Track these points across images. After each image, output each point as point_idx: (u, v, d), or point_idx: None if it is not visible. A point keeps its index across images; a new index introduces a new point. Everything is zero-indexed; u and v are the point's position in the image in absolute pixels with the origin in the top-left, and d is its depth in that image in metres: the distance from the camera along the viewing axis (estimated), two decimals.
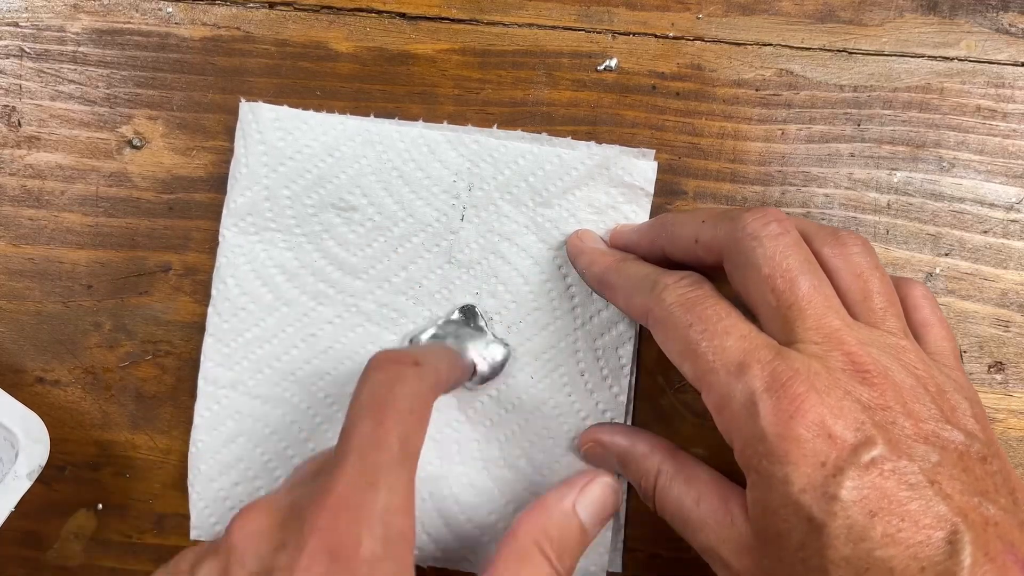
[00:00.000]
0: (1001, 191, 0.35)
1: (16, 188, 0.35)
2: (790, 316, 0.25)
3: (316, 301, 0.33)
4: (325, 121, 0.33)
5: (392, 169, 0.33)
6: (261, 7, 0.35)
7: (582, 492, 0.29)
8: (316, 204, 0.33)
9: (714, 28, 0.35)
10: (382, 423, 0.24)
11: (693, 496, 0.27)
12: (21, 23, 0.35)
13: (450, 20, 0.35)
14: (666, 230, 0.29)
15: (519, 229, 0.33)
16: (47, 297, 0.34)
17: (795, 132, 0.35)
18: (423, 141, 0.33)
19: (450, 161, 0.33)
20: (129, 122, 0.35)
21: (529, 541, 0.27)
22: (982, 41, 0.35)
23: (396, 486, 0.23)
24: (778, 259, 0.25)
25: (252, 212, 0.33)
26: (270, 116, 0.33)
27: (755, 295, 0.26)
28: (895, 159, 0.35)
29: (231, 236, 0.33)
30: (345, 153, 0.33)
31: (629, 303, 0.29)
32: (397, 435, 0.24)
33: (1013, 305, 0.34)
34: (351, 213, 0.33)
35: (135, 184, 0.35)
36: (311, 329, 0.33)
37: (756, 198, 0.35)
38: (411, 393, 0.25)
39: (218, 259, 0.33)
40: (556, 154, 0.33)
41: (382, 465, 0.23)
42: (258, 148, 0.33)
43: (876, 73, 0.35)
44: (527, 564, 0.27)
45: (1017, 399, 0.34)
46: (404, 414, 0.24)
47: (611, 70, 0.35)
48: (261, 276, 0.33)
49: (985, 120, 0.35)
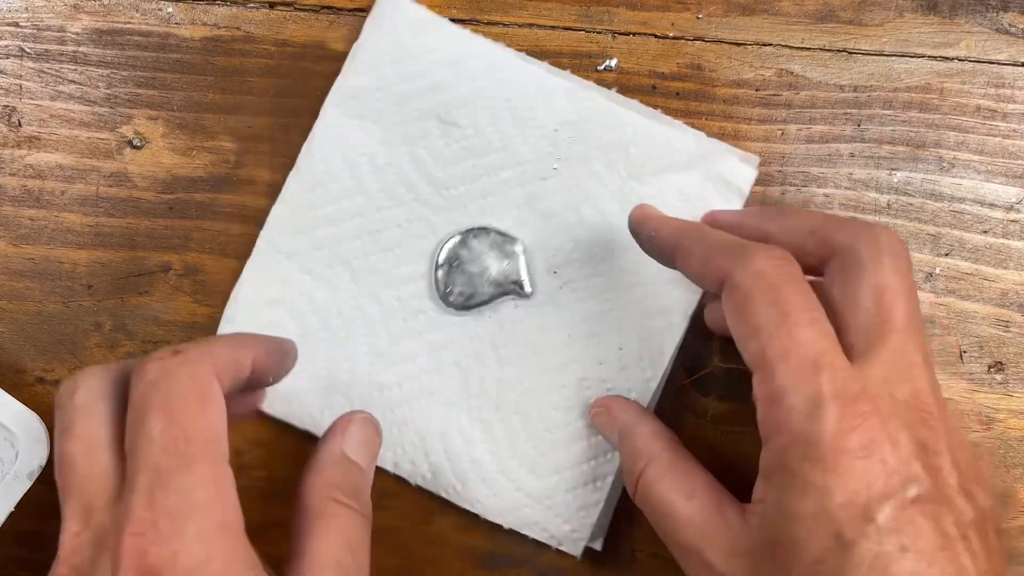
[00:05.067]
0: (1001, 191, 0.35)
1: (16, 188, 0.35)
2: (881, 333, 0.25)
3: (392, 201, 0.34)
4: (458, 34, 0.34)
5: (504, 100, 0.33)
6: (261, 7, 0.35)
7: (345, 436, 0.28)
8: (422, 109, 0.34)
9: (714, 28, 0.35)
10: (160, 425, 0.23)
11: (685, 491, 0.27)
12: (21, 23, 0.35)
13: (450, 20, 0.35)
14: (783, 214, 0.28)
15: (604, 194, 0.33)
16: (47, 297, 0.34)
17: (795, 132, 0.35)
18: (541, 83, 0.33)
19: (560, 109, 0.33)
20: (129, 122, 0.35)
21: (323, 498, 0.26)
22: (982, 41, 0.35)
23: (196, 483, 0.22)
24: (892, 277, 0.25)
25: (359, 97, 0.34)
26: (408, 11, 0.34)
27: (853, 303, 0.25)
28: (895, 159, 0.35)
29: (332, 114, 0.34)
30: (466, 69, 0.33)
31: (706, 265, 0.26)
32: (180, 431, 0.23)
33: (1013, 305, 0.34)
34: (451, 128, 0.34)
35: (135, 184, 0.35)
36: (379, 226, 0.34)
37: (756, 198, 0.35)
38: (181, 383, 0.23)
39: (313, 131, 0.34)
40: (664, 133, 0.33)
41: (173, 468, 0.22)
42: (386, 38, 0.33)
43: (876, 73, 0.35)
44: (333, 518, 0.26)
45: (1017, 399, 0.34)
46: (181, 406, 0.23)
47: (611, 70, 0.35)
48: (348, 160, 0.34)
49: (985, 120, 0.35)
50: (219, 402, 0.24)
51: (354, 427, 0.29)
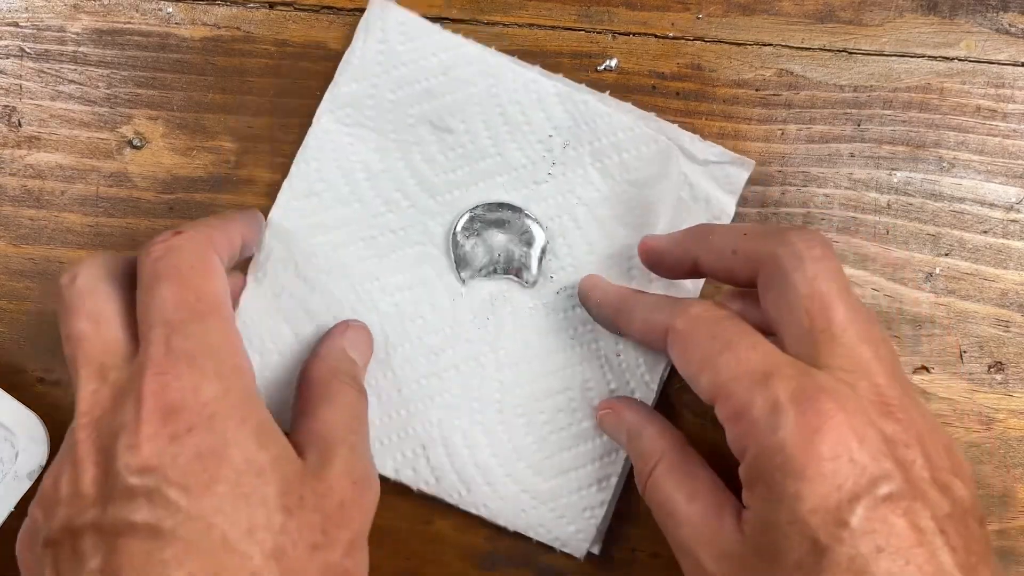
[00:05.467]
0: (1001, 191, 0.35)
1: (16, 188, 0.35)
2: (821, 340, 0.25)
3: (387, 207, 0.34)
4: (448, 39, 0.34)
5: (496, 105, 0.33)
6: (261, 7, 0.35)
7: (344, 336, 0.32)
8: (416, 116, 0.34)
9: (714, 28, 0.35)
10: (171, 287, 0.25)
11: (687, 491, 0.27)
12: (21, 23, 0.35)
13: (450, 20, 0.35)
14: (704, 238, 0.29)
15: (600, 199, 0.33)
16: (47, 297, 0.34)
17: (795, 132, 0.35)
18: (535, 87, 0.33)
19: (554, 114, 0.33)
20: (129, 122, 0.35)
21: (328, 377, 0.30)
22: (982, 41, 0.35)
23: (209, 331, 0.25)
24: (818, 282, 0.25)
25: (353, 104, 0.34)
26: (398, 18, 0.33)
27: (787, 315, 0.25)
28: (895, 159, 0.35)
29: (325, 122, 0.34)
30: (458, 75, 0.33)
31: (648, 323, 0.29)
32: (190, 291, 0.25)
33: (1013, 305, 0.34)
34: (445, 135, 0.34)
35: (135, 184, 0.35)
36: (375, 232, 0.34)
37: (756, 198, 0.35)
38: (186, 254, 0.26)
39: (307, 139, 0.34)
40: (656, 139, 0.33)
41: (187, 320, 0.24)
42: (377, 46, 0.33)
43: (876, 73, 0.35)
44: (339, 392, 0.29)
45: (1017, 399, 0.34)
46: (188, 273, 0.25)
47: (611, 70, 0.35)
48: (343, 168, 0.34)
49: (985, 120, 0.35)
50: (221, 272, 0.26)
51: (351, 331, 0.32)
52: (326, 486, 0.25)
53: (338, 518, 0.25)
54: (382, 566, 0.34)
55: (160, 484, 0.22)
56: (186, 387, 0.23)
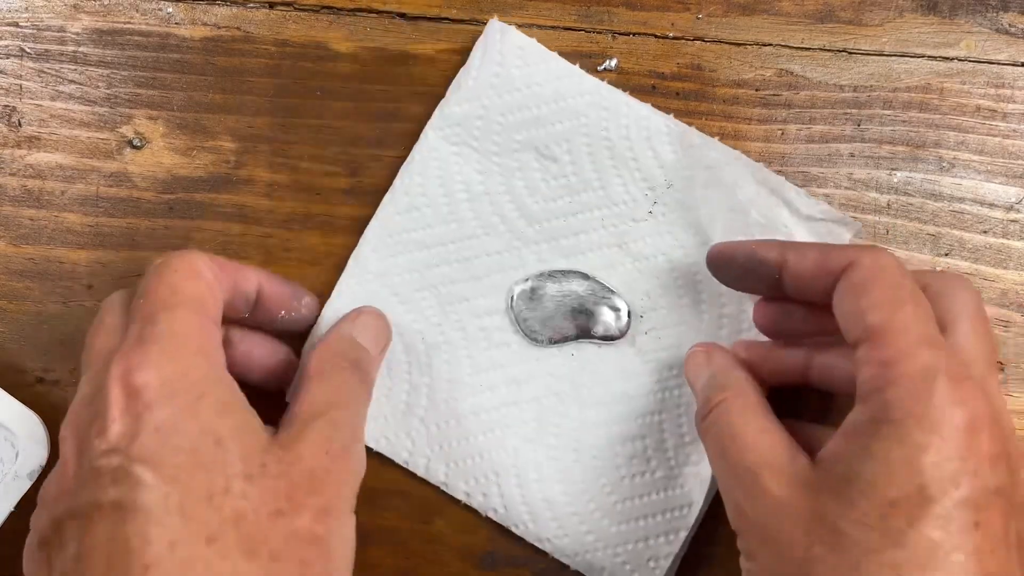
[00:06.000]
0: (1001, 191, 0.35)
1: (16, 188, 0.35)
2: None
3: (485, 230, 0.34)
4: (565, 68, 0.34)
5: (605, 139, 0.33)
6: (261, 7, 0.35)
7: (355, 322, 0.32)
8: (523, 141, 0.34)
9: (714, 28, 0.35)
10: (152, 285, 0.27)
11: (760, 425, 0.27)
12: (21, 23, 0.35)
13: (450, 20, 0.35)
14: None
15: (698, 246, 0.33)
16: (47, 297, 0.34)
17: (795, 132, 0.35)
18: (645, 124, 0.33)
19: (662, 153, 0.33)
20: (129, 122, 0.35)
21: (325, 361, 0.30)
22: (982, 41, 0.35)
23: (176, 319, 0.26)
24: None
25: (462, 124, 0.34)
26: (516, 42, 0.34)
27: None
28: (895, 159, 0.35)
29: (434, 138, 0.34)
30: (570, 105, 0.33)
31: (827, 255, 0.28)
32: (167, 287, 0.26)
33: (1013, 305, 0.34)
34: (550, 163, 0.34)
35: (135, 184, 0.35)
36: (469, 253, 0.34)
37: None
38: (174, 261, 0.27)
39: (412, 153, 0.34)
40: (769, 198, 0.32)
41: (159, 311, 0.26)
42: (493, 68, 0.33)
43: (876, 73, 0.35)
44: (332, 374, 0.29)
45: (1017, 399, 0.34)
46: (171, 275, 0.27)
47: (611, 70, 0.35)
48: (446, 186, 0.34)
49: (985, 120, 0.35)
50: (209, 282, 0.27)
51: (364, 316, 0.32)
52: (293, 455, 0.26)
53: (307, 486, 0.25)
54: (382, 565, 0.34)
55: (123, 462, 0.23)
56: (148, 369, 0.24)
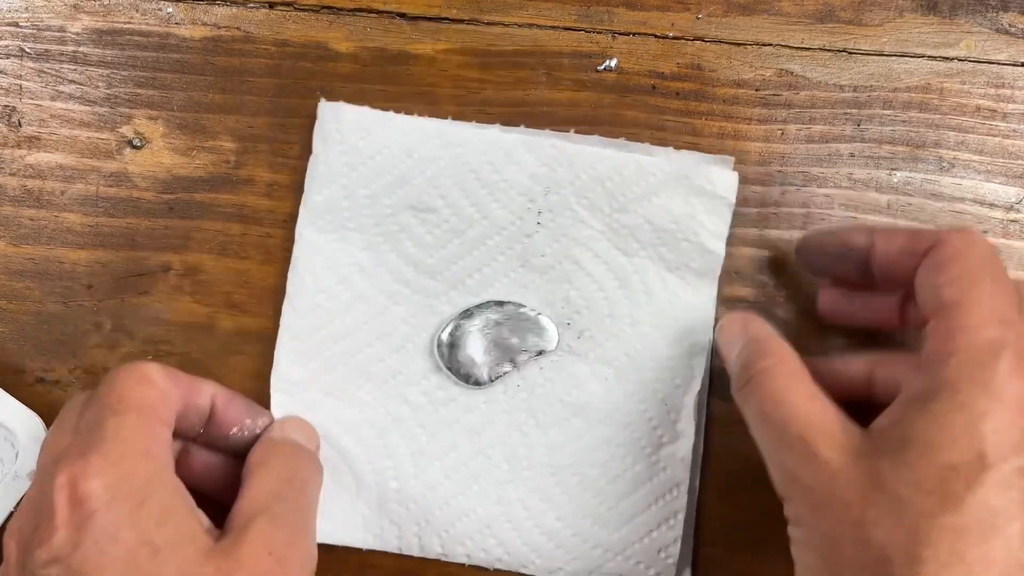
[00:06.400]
0: (1001, 191, 0.35)
1: (16, 188, 0.35)
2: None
3: (392, 300, 0.34)
4: (405, 122, 0.33)
5: (469, 172, 0.33)
6: (261, 7, 0.35)
7: (283, 426, 0.32)
8: (394, 205, 0.33)
9: (714, 28, 0.35)
10: (100, 393, 0.27)
11: (809, 392, 0.26)
12: (21, 23, 0.35)
13: (450, 20, 0.35)
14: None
15: (594, 235, 0.33)
16: (47, 297, 0.34)
17: (795, 132, 0.35)
18: (499, 144, 0.33)
19: (527, 165, 0.33)
20: (129, 122, 0.35)
21: (269, 447, 0.30)
22: (982, 41, 0.35)
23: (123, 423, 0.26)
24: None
25: (330, 211, 0.33)
26: (351, 116, 0.33)
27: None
28: (895, 159, 0.35)
29: (308, 234, 0.33)
30: (424, 155, 0.33)
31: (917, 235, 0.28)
32: (116, 394, 0.27)
33: None
34: (428, 214, 0.33)
35: (135, 184, 0.35)
36: (386, 328, 0.34)
37: (756, 198, 0.35)
38: (123, 372, 0.28)
39: (294, 256, 0.33)
40: (634, 159, 0.33)
41: (104, 417, 0.26)
42: (338, 148, 0.33)
43: (876, 73, 0.35)
44: (273, 459, 0.29)
45: None
46: (120, 382, 0.27)
47: (611, 70, 0.35)
48: (338, 274, 0.33)
49: (985, 120, 0.35)
50: (161, 389, 0.28)
51: (289, 420, 0.32)
52: (233, 563, 0.25)
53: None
54: (382, 566, 0.34)
55: (64, 573, 0.24)
56: (92, 476, 0.25)
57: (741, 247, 0.34)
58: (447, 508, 0.33)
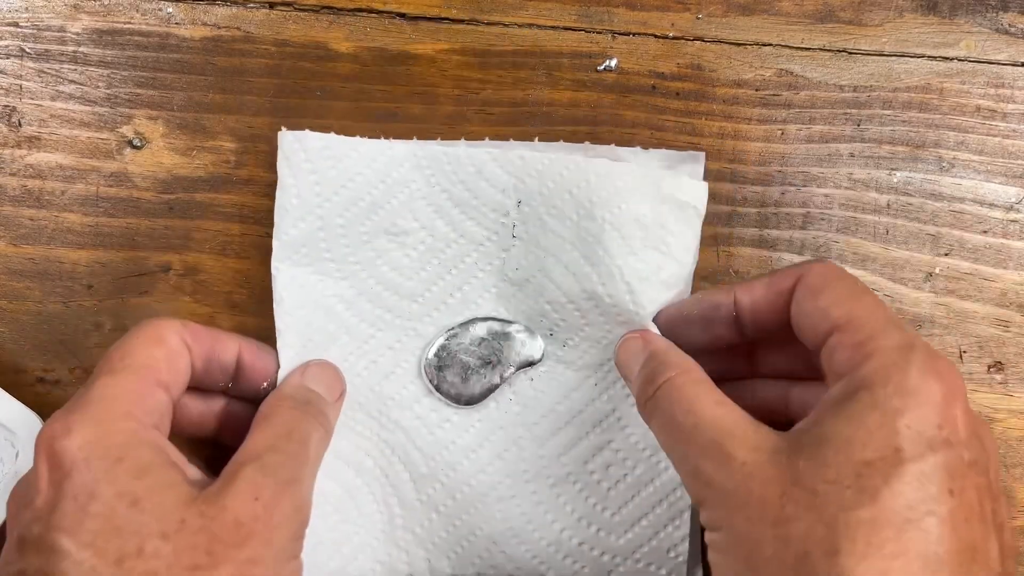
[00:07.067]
0: (1001, 191, 0.35)
1: (16, 188, 0.35)
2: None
3: (375, 328, 0.33)
4: (374, 147, 0.33)
5: (441, 192, 0.33)
6: (261, 7, 0.35)
7: (304, 373, 0.32)
8: (369, 231, 0.33)
9: (714, 28, 0.35)
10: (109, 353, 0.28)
11: (715, 399, 0.27)
12: (21, 23, 0.35)
13: (450, 20, 0.35)
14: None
15: (563, 244, 0.32)
16: (47, 297, 0.34)
17: (795, 132, 0.35)
18: (469, 161, 0.32)
19: (497, 179, 0.32)
20: (129, 122, 0.35)
21: (274, 402, 0.30)
22: (982, 41, 0.35)
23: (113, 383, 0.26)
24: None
25: (306, 244, 0.33)
26: (318, 144, 0.32)
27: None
28: (895, 159, 0.35)
29: (286, 269, 0.33)
30: (395, 179, 0.33)
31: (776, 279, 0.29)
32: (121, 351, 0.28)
33: (1013, 305, 0.34)
34: (404, 237, 0.33)
35: (135, 184, 0.35)
36: (372, 356, 0.33)
37: (756, 198, 0.35)
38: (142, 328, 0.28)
39: (277, 293, 0.33)
40: (602, 164, 0.31)
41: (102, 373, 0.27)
42: (309, 178, 0.32)
43: (876, 73, 0.35)
44: (278, 414, 0.29)
45: (1017, 399, 0.34)
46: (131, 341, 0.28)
47: (611, 70, 0.35)
48: (322, 307, 0.33)
49: (985, 120, 0.35)
50: (172, 349, 0.28)
51: (312, 366, 0.32)
52: (217, 507, 0.25)
53: (232, 538, 0.25)
54: None
55: (44, 531, 0.24)
56: (68, 436, 0.25)
57: (741, 247, 0.34)
58: (453, 530, 0.33)
